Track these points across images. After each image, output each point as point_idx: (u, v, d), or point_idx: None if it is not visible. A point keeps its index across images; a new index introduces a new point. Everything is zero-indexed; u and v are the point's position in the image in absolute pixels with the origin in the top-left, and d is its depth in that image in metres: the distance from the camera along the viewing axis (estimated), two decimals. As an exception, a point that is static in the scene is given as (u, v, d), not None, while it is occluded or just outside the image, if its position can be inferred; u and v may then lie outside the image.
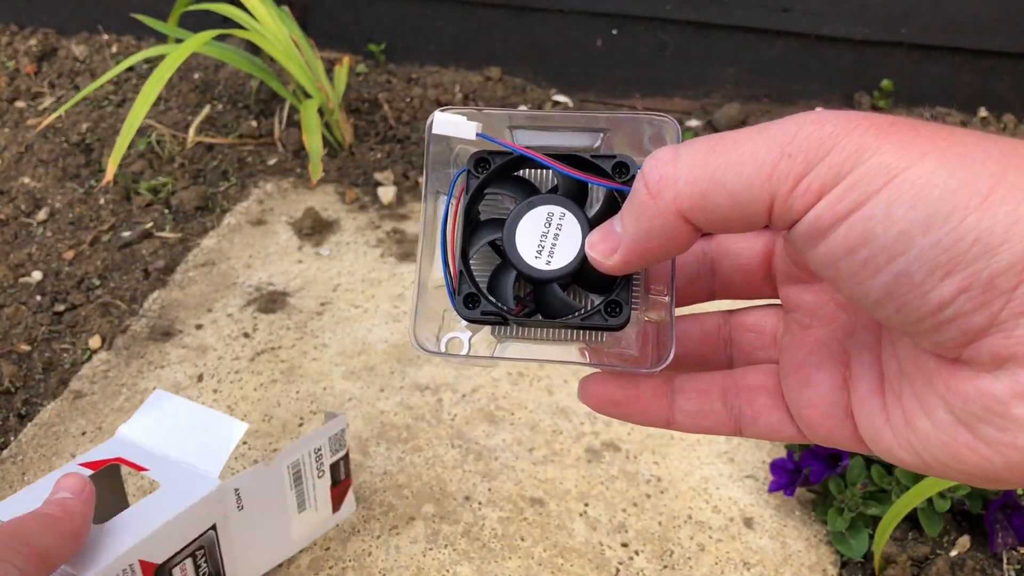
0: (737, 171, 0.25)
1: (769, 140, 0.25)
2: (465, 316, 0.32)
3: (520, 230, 0.31)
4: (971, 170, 0.23)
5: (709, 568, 0.75)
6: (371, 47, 1.45)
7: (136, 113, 1.04)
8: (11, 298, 1.06)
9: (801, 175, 0.24)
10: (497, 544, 0.76)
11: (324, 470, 0.73)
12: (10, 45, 1.53)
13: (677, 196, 0.26)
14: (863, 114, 0.25)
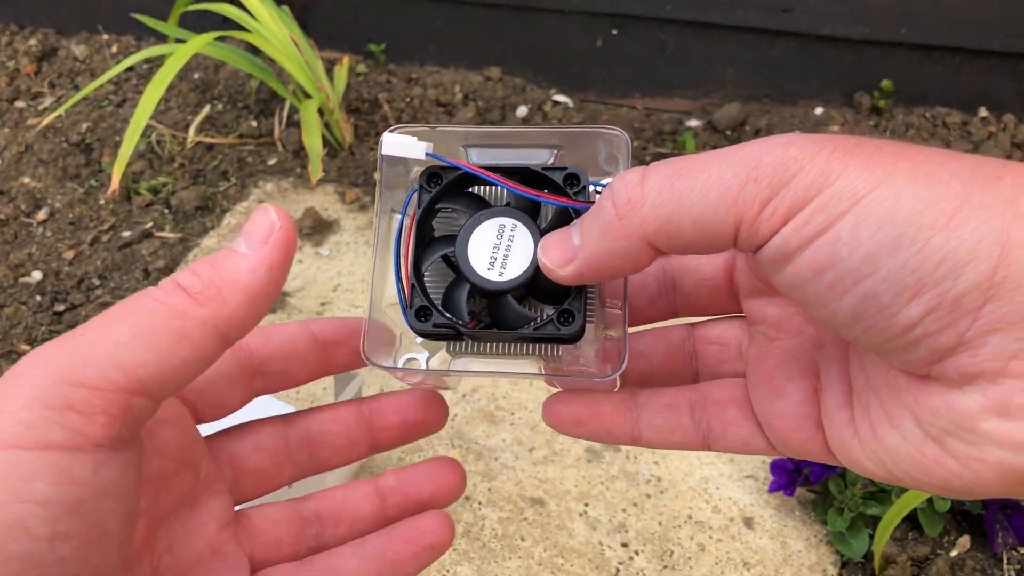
0: (703, 196, 0.25)
1: (735, 164, 0.25)
2: (417, 330, 0.32)
3: (472, 243, 0.31)
4: (936, 189, 0.23)
5: (709, 568, 0.75)
6: (371, 47, 1.45)
7: (139, 117, 1.04)
8: (11, 298, 1.06)
9: (767, 199, 0.24)
10: (497, 544, 0.76)
11: None
12: (10, 45, 1.53)
13: (643, 220, 0.26)
14: (828, 137, 0.25)
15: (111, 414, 0.25)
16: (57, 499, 0.24)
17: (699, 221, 0.25)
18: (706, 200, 0.25)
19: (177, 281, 0.28)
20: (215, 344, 0.28)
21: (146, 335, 0.27)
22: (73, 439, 0.25)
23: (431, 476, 0.35)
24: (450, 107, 1.37)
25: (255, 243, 0.29)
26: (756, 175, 0.24)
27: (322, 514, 0.35)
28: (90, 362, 0.26)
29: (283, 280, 0.30)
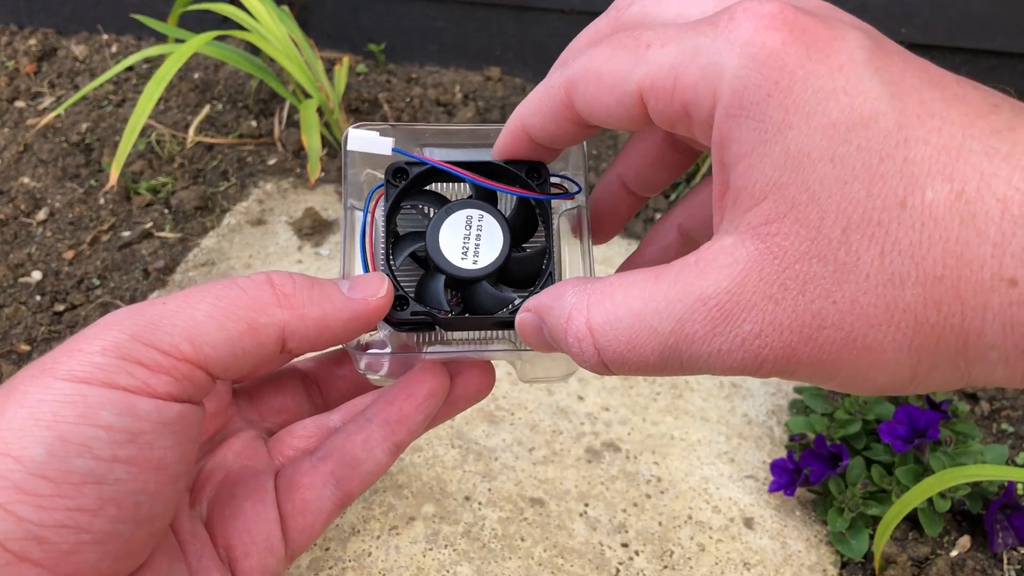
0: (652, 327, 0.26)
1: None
2: (395, 320, 0.32)
3: (443, 236, 0.32)
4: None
5: (709, 568, 0.75)
6: (371, 47, 1.45)
7: (138, 115, 1.04)
8: (11, 298, 1.06)
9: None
10: (497, 544, 0.76)
11: None
12: (10, 45, 1.53)
13: (602, 353, 0.28)
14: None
15: (175, 376, 0.28)
16: (120, 426, 0.27)
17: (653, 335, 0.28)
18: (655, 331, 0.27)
19: (271, 277, 0.31)
20: (274, 346, 0.30)
21: (222, 317, 0.29)
22: (137, 386, 0.27)
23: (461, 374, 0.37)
24: (450, 107, 1.37)
25: (356, 291, 0.32)
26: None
27: (346, 419, 0.37)
28: (165, 329, 0.28)
29: (355, 334, 0.32)
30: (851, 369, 0.24)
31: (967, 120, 0.22)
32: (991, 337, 0.22)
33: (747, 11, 0.24)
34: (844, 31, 0.24)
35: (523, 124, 0.31)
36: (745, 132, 0.24)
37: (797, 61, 0.23)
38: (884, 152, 0.22)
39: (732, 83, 0.24)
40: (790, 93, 0.23)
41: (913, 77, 0.23)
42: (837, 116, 0.23)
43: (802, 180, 0.23)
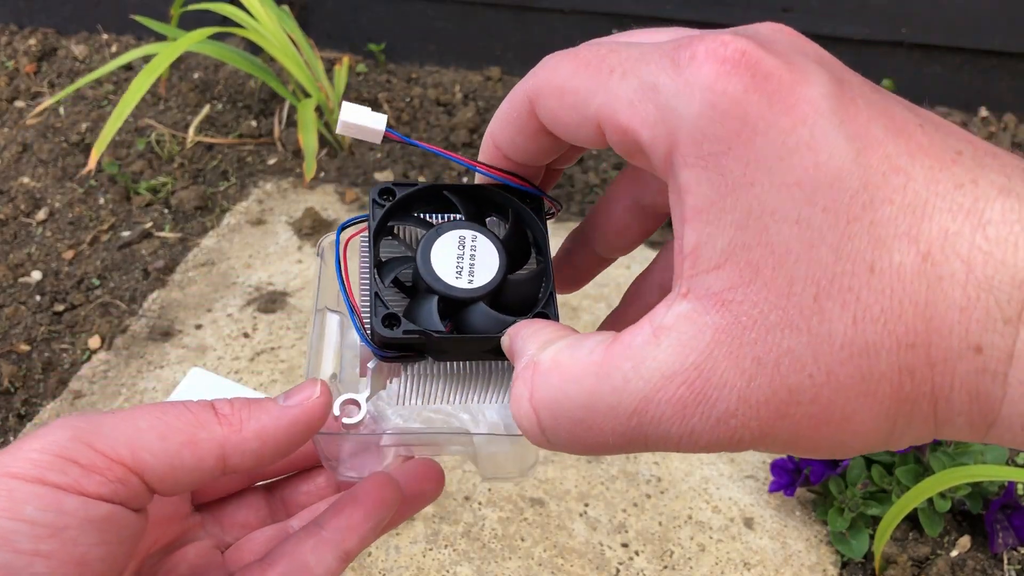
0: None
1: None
2: (384, 338, 0.30)
3: (435, 255, 0.30)
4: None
5: (709, 568, 0.75)
6: (371, 47, 1.45)
7: (125, 102, 1.03)
8: (11, 298, 1.06)
9: None
10: (497, 544, 0.76)
11: None
12: (10, 45, 1.53)
13: (547, 433, 0.26)
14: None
15: (108, 478, 0.28)
16: (44, 521, 0.27)
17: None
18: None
19: (213, 403, 0.32)
20: (214, 462, 0.31)
21: (163, 428, 0.30)
22: (68, 483, 0.28)
23: (413, 476, 0.38)
24: (450, 107, 1.37)
25: (291, 399, 0.32)
26: None
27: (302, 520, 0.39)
28: (107, 433, 0.29)
29: (298, 441, 0.32)
30: (829, 441, 0.23)
31: (931, 175, 0.22)
32: (958, 404, 0.22)
33: (708, 52, 0.23)
34: (807, 74, 0.23)
35: (494, 142, 0.30)
36: (703, 185, 0.23)
37: (759, 112, 0.22)
38: (851, 214, 0.22)
39: (690, 131, 0.23)
40: (751, 147, 0.22)
41: (878, 127, 0.22)
42: (801, 174, 0.22)
43: (766, 242, 0.22)
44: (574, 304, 0.99)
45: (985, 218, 0.21)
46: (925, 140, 0.22)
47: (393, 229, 0.32)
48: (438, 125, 1.32)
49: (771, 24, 0.25)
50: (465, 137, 1.29)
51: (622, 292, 0.35)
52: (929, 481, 0.69)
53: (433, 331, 0.29)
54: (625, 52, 0.25)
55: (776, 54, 0.23)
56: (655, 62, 0.24)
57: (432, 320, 0.30)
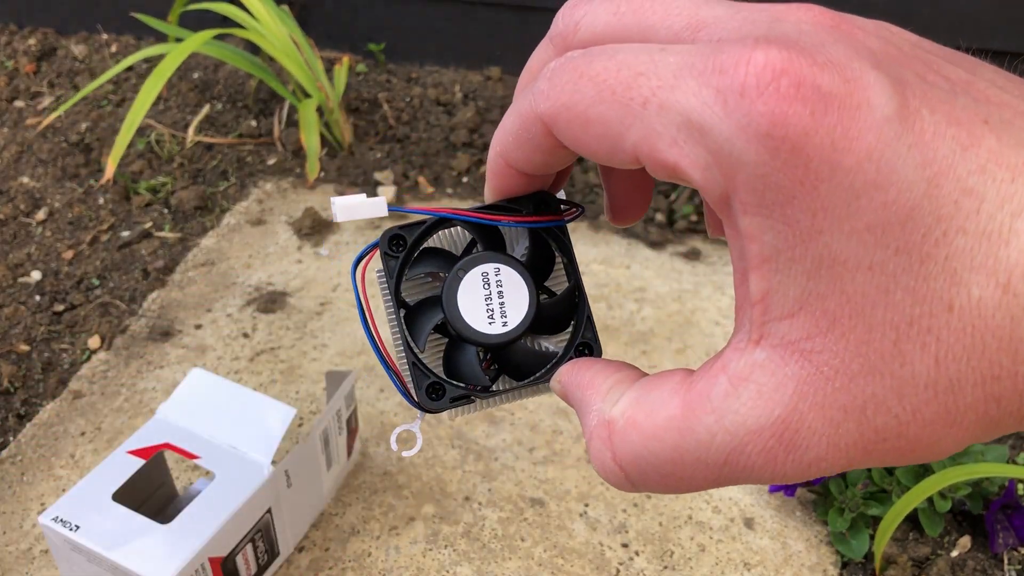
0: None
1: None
2: (431, 408, 0.30)
3: (461, 302, 0.29)
4: None
5: (709, 568, 0.75)
6: (371, 47, 1.45)
7: (136, 112, 1.04)
8: (10, 298, 1.06)
9: None
10: (497, 544, 0.76)
11: (343, 426, 0.75)
12: (9, 45, 1.53)
13: (637, 486, 0.26)
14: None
15: None
16: None
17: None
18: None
19: None
20: None
21: None
22: None
23: None
24: (450, 107, 1.36)
25: None
26: None
27: None
28: None
29: None
30: (912, 460, 0.24)
31: (1003, 189, 0.21)
32: None
33: (759, 84, 0.21)
34: (867, 91, 0.21)
35: (505, 159, 0.28)
36: (768, 233, 0.22)
37: (822, 155, 0.21)
38: (924, 252, 0.21)
39: (749, 179, 0.21)
40: (816, 195, 0.21)
41: (946, 144, 0.21)
42: (871, 218, 0.21)
43: (840, 291, 0.22)
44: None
45: None
46: (994, 142, 0.21)
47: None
48: (438, 125, 1.32)
49: (812, 14, 0.23)
50: (465, 137, 1.29)
51: (622, 292, 0.35)
52: (929, 481, 0.69)
53: (479, 388, 0.29)
54: (654, 75, 0.23)
55: (831, 67, 0.21)
56: (695, 93, 0.22)
57: (475, 374, 0.30)
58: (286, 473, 0.67)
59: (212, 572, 0.61)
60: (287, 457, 0.67)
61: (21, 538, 0.76)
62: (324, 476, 0.75)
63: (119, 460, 0.65)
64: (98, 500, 0.62)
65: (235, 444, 0.66)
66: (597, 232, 1.13)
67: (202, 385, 0.70)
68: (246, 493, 0.63)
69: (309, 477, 0.72)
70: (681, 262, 1.08)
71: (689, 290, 1.03)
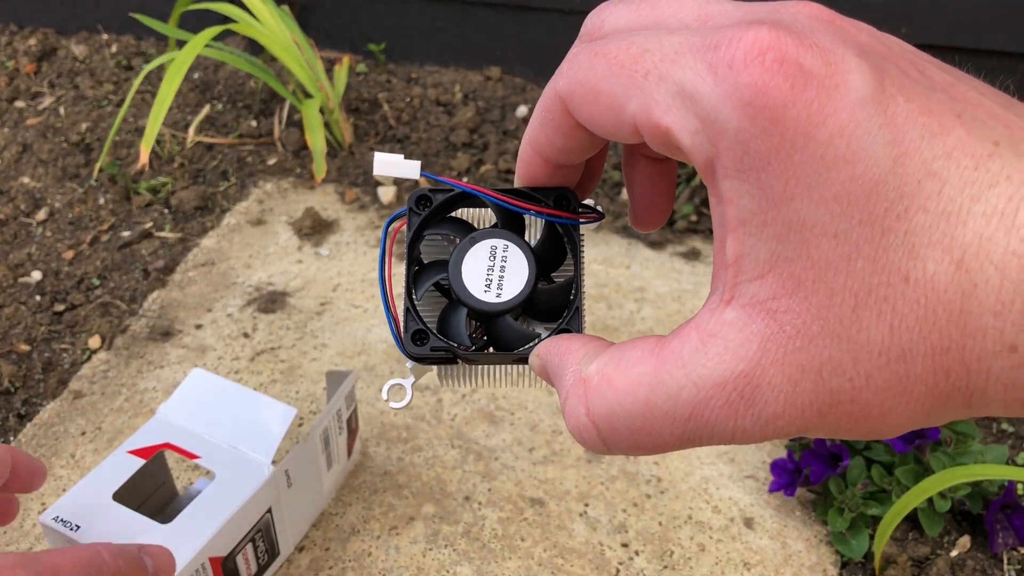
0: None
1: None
2: (413, 354, 0.32)
3: (465, 266, 0.31)
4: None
5: (709, 568, 0.75)
6: (371, 47, 1.45)
7: (159, 107, 1.04)
8: (10, 298, 1.06)
9: None
10: (497, 544, 0.76)
11: (343, 426, 0.75)
12: (9, 45, 1.53)
13: (607, 442, 0.28)
14: None
15: None
16: None
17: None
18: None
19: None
20: None
21: None
22: None
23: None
24: (450, 107, 1.37)
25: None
26: None
27: None
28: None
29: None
30: (865, 431, 0.25)
31: (965, 175, 0.22)
32: (993, 394, 0.23)
33: (747, 57, 0.23)
34: (846, 73, 0.23)
35: (532, 146, 0.30)
36: (744, 197, 0.24)
37: (797, 126, 0.23)
38: (886, 225, 0.22)
39: (731, 144, 0.23)
40: (790, 162, 0.23)
41: (916, 128, 0.23)
42: (839, 188, 0.23)
43: (806, 255, 0.23)
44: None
45: (1019, 220, 0.21)
46: (963, 133, 0.23)
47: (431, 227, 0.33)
48: (438, 125, 1.32)
49: (810, 8, 0.25)
50: (465, 137, 1.29)
51: (622, 292, 0.38)
52: (929, 481, 0.69)
53: (460, 347, 0.31)
54: (658, 51, 0.25)
55: (815, 49, 0.23)
56: (691, 66, 0.24)
57: (460, 334, 0.31)
58: (286, 473, 0.67)
59: (212, 572, 0.61)
60: (287, 457, 0.67)
61: (22, 538, 0.76)
62: (324, 476, 0.75)
63: (119, 460, 0.65)
64: (98, 500, 0.61)
65: (235, 444, 0.66)
66: (597, 232, 1.13)
67: (202, 385, 0.70)
68: (246, 493, 0.63)
69: (309, 477, 0.72)
70: (681, 262, 1.08)
71: (689, 290, 1.03)
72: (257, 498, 0.64)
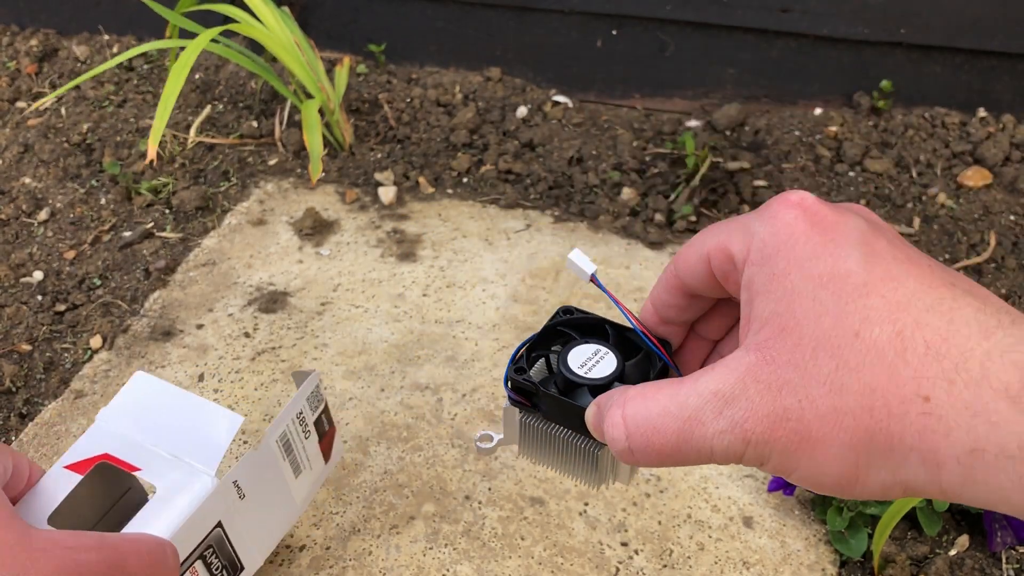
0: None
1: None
2: (511, 377, 0.43)
3: (574, 352, 0.43)
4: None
5: (708, 567, 0.75)
6: (371, 47, 1.45)
7: (166, 101, 1.03)
8: (12, 298, 1.06)
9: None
10: (497, 543, 0.76)
11: (309, 430, 0.69)
12: (11, 45, 1.53)
13: (629, 437, 0.35)
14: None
15: None
16: None
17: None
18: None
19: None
20: None
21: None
22: None
23: None
24: (450, 107, 1.37)
25: None
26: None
27: None
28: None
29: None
30: (807, 459, 0.32)
31: (918, 284, 0.31)
32: (909, 440, 0.29)
33: (783, 201, 0.34)
34: (849, 218, 0.33)
35: (651, 302, 0.42)
36: (760, 277, 0.33)
37: (803, 232, 0.33)
38: (850, 299, 0.31)
39: (758, 244, 0.34)
40: (792, 252, 0.32)
41: (888, 254, 0.32)
42: (822, 270, 0.32)
43: (791, 312, 0.32)
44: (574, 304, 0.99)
45: (952, 315, 0.30)
46: (925, 267, 0.32)
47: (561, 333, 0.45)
48: (438, 125, 1.33)
49: (848, 204, 0.35)
50: (465, 137, 1.30)
51: (622, 292, 0.47)
52: (927, 480, 0.69)
53: (541, 386, 0.42)
54: (742, 218, 0.36)
55: (831, 207, 0.34)
56: (753, 215, 0.35)
57: (548, 385, 0.42)
58: (236, 484, 0.62)
59: None
60: (236, 466, 0.62)
61: None
62: (292, 485, 0.69)
63: (57, 477, 0.58)
64: (36, 523, 0.55)
65: (178, 454, 0.60)
66: (597, 232, 1.13)
67: (145, 390, 0.64)
68: (187, 509, 0.58)
69: (270, 487, 0.66)
70: (681, 262, 1.08)
71: (689, 290, 1.04)
72: (201, 513, 0.59)
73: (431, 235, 1.13)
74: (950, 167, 1.20)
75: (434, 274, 1.06)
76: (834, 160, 1.23)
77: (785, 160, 1.23)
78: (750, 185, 1.19)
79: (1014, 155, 1.20)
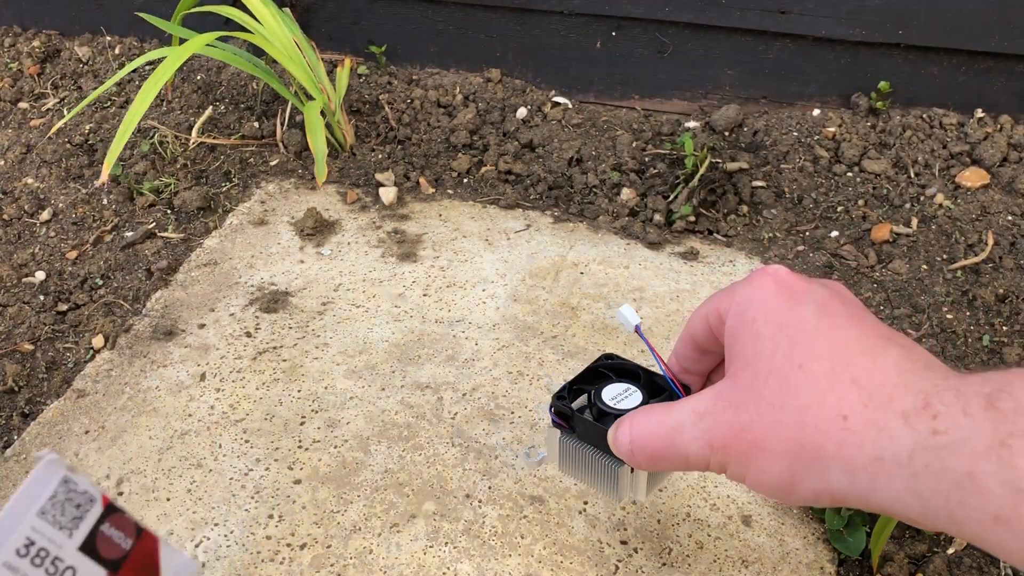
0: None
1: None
2: (553, 403, 0.57)
3: (608, 388, 0.56)
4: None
5: (707, 566, 0.75)
6: (372, 49, 1.46)
7: (134, 112, 1.04)
8: (14, 298, 1.07)
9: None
10: (497, 542, 0.77)
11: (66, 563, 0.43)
12: (13, 47, 1.54)
13: (632, 443, 0.49)
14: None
15: None
16: None
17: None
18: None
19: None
20: None
21: None
22: None
23: None
24: (450, 108, 1.37)
25: None
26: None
27: None
28: None
29: None
30: (755, 466, 0.40)
31: (859, 334, 0.40)
32: (831, 450, 0.37)
33: (762, 272, 0.44)
34: (814, 286, 0.43)
35: (674, 354, 0.55)
36: (736, 325, 0.44)
37: (773, 292, 0.43)
38: (801, 340, 0.40)
39: (738, 300, 0.45)
40: (762, 306, 0.43)
41: (840, 312, 0.41)
42: (782, 319, 0.42)
43: (755, 349, 0.42)
44: (573, 304, 1.00)
45: (878, 359, 0.38)
46: (869, 325, 0.41)
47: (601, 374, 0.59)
48: (439, 126, 1.33)
49: (820, 280, 0.45)
50: (465, 138, 1.30)
51: (621, 291, 0.55)
52: (925, 478, 0.70)
53: (577, 412, 0.56)
54: (730, 287, 0.47)
55: (802, 278, 0.44)
56: (740, 283, 0.46)
57: (584, 412, 0.56)
58: None
59: None
60: None
61: (26, 535, 0.77)
62: None
63: None
64: None
65: None
66: (596, 232, 1.13)
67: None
68: None
69: None
70: (679, 262, 1.09)
71: (687, 290, 1.04)
72: None
73: (432, 235, 1.13)
74: (948, 167, 1.21)
75: (434, 274, 1.07)
76: (832, 161, 1.23)
77: (783, 161, 1.23)
78: (749, 186, 1.19)
79: (1011, 155, 1.21)
